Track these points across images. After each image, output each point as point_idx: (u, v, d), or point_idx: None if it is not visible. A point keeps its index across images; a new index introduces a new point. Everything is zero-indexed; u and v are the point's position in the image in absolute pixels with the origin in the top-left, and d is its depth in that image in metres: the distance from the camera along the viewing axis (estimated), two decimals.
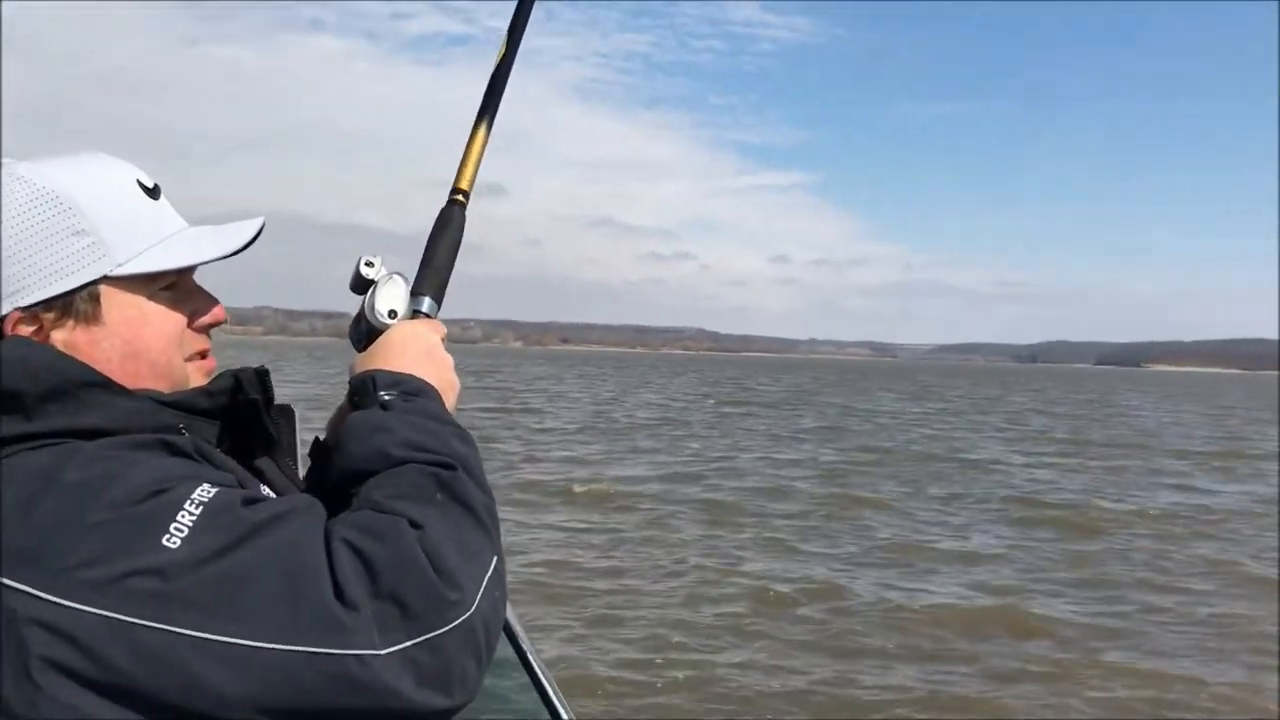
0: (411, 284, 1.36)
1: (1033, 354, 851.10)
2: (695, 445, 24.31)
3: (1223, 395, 78.06)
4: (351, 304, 1.34)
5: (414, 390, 1.19)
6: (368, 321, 1.31)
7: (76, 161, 1.15)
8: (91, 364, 1.08)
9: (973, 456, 23.45)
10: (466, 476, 1.08)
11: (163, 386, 1.14)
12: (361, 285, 1.33)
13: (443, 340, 1.33)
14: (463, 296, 1.36)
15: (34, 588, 0.88)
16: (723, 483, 17.53)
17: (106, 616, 0.87)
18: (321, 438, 1.38)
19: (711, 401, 44.16)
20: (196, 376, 1.20)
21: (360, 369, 1.25)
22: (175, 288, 1.17)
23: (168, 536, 0.91)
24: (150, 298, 1.14)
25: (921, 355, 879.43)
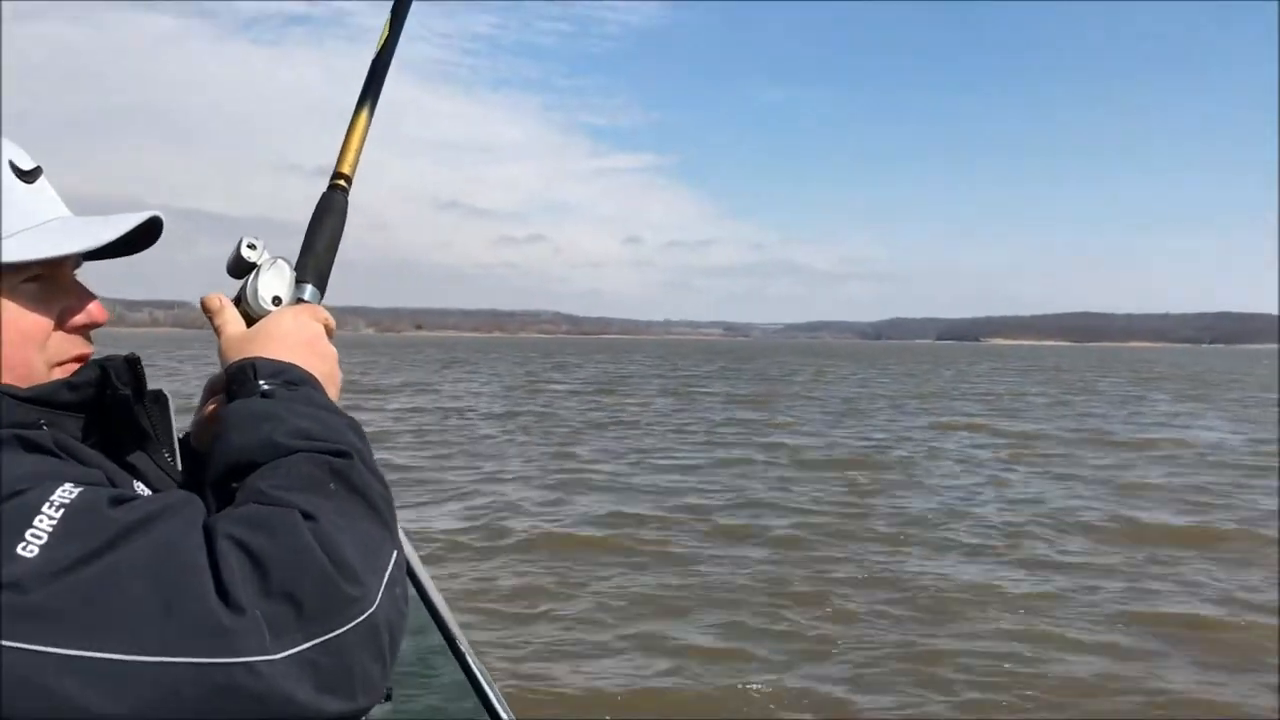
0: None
1: (877, 331, 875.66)
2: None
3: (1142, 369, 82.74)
4: (195, 292, 1.25)
5: (297, 380, 1.12)
6: (247, 306, 1.24)
7: None
8: None
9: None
10: (362, 465, 1.01)
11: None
12: (241, 268, 1.26)
13: (329, 330, 1.26)
14: None
15: None
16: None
17: None
18: (184, 437, 1.29)
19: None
20: None
21: (236, 355, 1.16)
22: (43, 282, 1.07)
23: (23, 545, 0.80)
24: (10, 292, 1.04)
25: (773, 334, 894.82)
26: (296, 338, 1.18)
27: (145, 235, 1.14)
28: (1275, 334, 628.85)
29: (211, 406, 1.26)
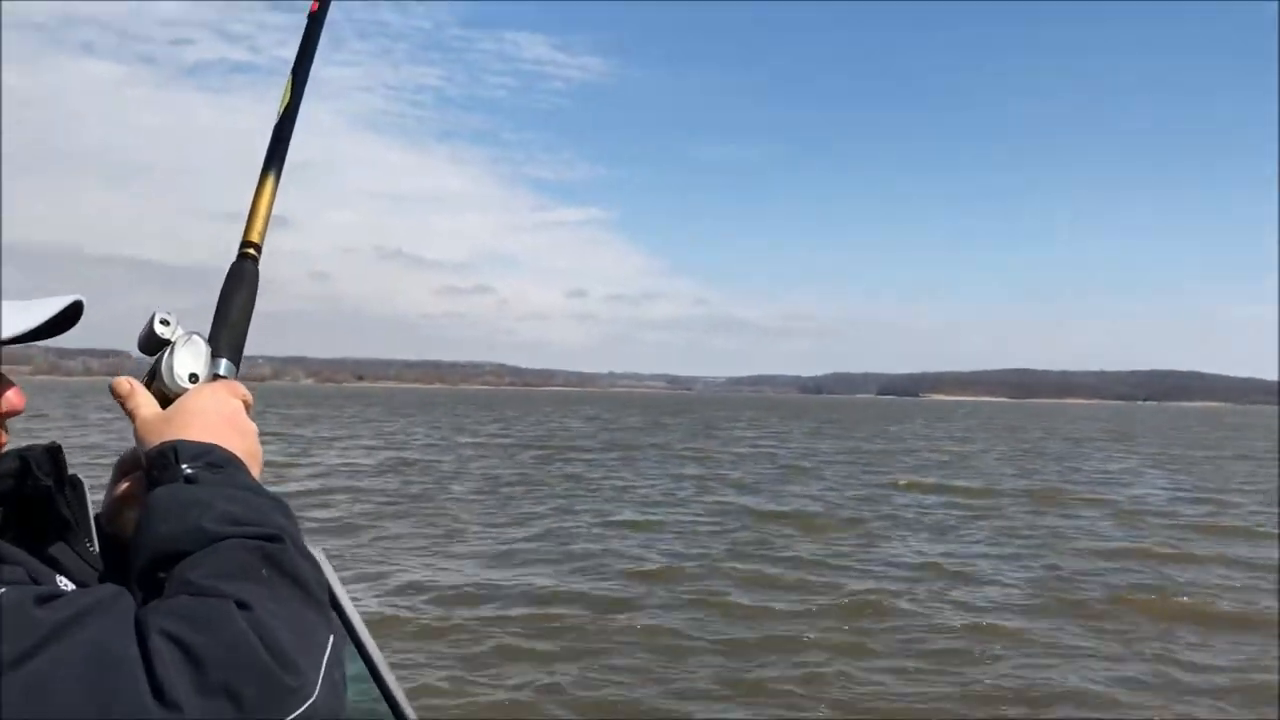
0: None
1: (817, 385, 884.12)
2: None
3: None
4: (131, 340, 1.22)
5: (220, 462, 1.07)
6: (162, 384, 1.19)
7: None
8: None
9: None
10: (293, 548, 0.98)
11: None
12: (153, 345, 1.21)
13: (247, 405, 1.21)
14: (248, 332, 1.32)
15: None
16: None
17: None
18: (96, 515, 1.24)
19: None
20: None
21: (154, 438, 1.11)
22: None
23: None
24: None
25: (716, 388, 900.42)
26: (216, 416, 1.14)
27: (70, 315, 1.11)
28: (1206, 392, 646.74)
29: (125, 485, 1.21)
